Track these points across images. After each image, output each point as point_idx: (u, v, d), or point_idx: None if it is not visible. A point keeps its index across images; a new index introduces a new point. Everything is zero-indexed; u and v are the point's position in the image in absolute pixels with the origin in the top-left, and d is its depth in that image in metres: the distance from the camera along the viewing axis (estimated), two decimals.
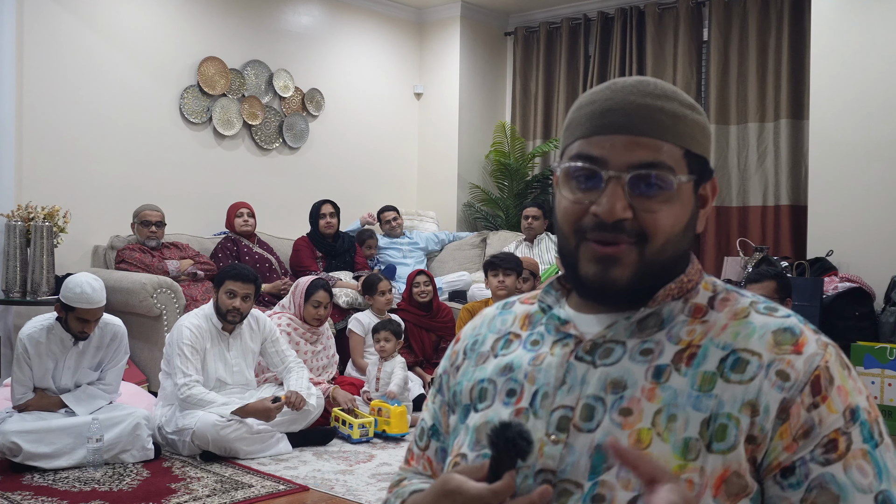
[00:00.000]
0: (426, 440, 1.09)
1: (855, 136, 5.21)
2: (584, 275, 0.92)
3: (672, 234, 0.91)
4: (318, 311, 4.51)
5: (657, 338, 0.92)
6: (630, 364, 0.91)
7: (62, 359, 3.64)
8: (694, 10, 6.41)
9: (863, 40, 5.20)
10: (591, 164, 0.90)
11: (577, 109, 0.95)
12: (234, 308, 3.95)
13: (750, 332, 0.89)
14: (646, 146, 0.89)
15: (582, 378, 0.92)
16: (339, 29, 6.75)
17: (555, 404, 0.92)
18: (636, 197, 0.89)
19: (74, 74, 5.25)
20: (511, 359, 1.00)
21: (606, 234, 0.89)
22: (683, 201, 0.92)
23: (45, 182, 5.07)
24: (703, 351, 0.89)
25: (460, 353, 1.07)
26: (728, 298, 0.95)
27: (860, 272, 5.09)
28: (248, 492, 3.28)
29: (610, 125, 0.90)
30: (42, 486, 3.26)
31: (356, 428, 4.12)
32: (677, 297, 0.94)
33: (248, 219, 5.58)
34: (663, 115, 0.90)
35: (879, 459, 0.85)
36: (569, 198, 0.93)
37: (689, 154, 0.92)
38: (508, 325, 1.05)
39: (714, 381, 0.87)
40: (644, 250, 0.90)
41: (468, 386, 1.02)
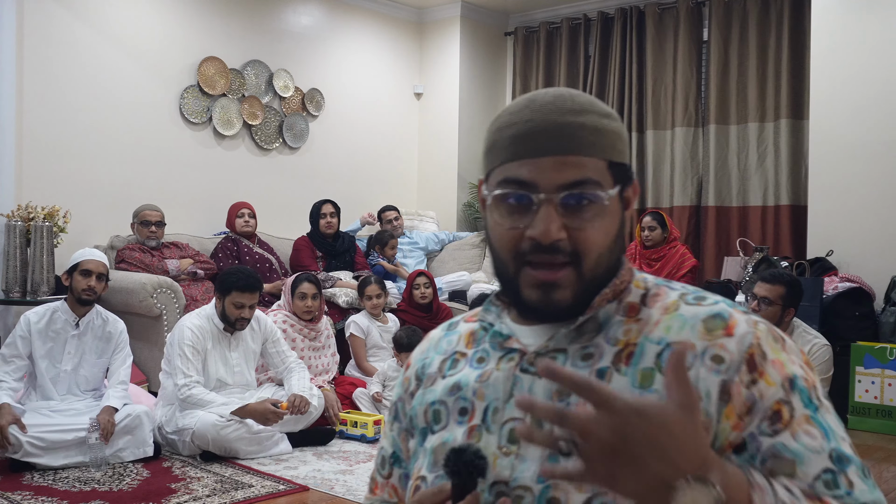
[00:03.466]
0: (389, 468, 1.11)
1: (855, 136, 5.22)
2: (528, 300, 0.94)
3: (605, 246, 0.93)
4: (306, 303, 4.50)
5: (596, 341, 0.94)
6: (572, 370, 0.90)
7: (63, 341, 3.72)
8: (694, 10, 6.41)
9: (863, 40, 5.20)
10: (522, 189, 0.92)
11: (499, 131, 0.96)
12: (242, 318, 3.96)
13: (681, 324, 0.92)
14: (573, 165, 0.91)
15: (529, 389, 0.94)
16: (339, 29, 6.75)
17: (504, 417, 0.94)
18: (568, 215, 0.91)
19: (74, 74, 5.25)
20: (458, 378, 1.01)
21: (544, 255, 0.91)
22: (612, 212, 0.94)
23: (45, 182, 5.07)
24: (639, 349, 0.92)
25: (412, 378, 1.09)
26: (659, 293, 0.97)
27: (860, 272, 5.10)
28: (248, 492, 3.28)
29: (535, 148, 0.91)
30: (42, 486, 3.26)
31: (370, 426, 4.11)
32: (612, 300, 0.97)
33: (248, 219, 5.58)
34: (585, 132, 0.92)
35: (823, 421, 0.88)
36: (503, 224, 0.94)
37: (612, 164, 0.94)
38: (454, 344, 1.07)
39: (653, 377, 0.89)
40: (581, 269, 0.92)
41: (421, 409, 1.04)
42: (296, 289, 4.52)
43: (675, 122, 6.44)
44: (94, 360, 3.81)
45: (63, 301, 3.78)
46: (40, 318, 3.70)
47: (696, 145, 6.38)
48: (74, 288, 3.71)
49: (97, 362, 3.82)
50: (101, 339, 3.81)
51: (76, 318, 3.74)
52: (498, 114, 0.98)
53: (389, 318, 5.17)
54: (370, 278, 5.22)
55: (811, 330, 3.67)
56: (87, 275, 3.70)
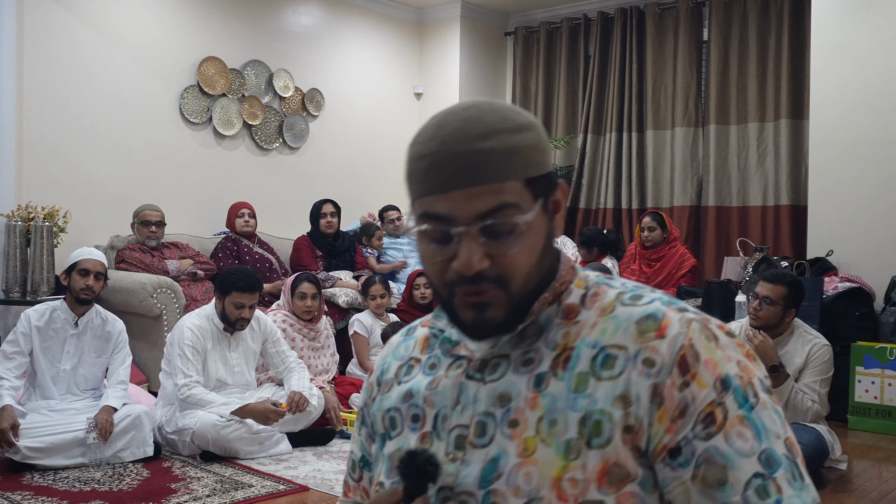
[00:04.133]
0: (359, 472, 1.13)
1: (855, 136, 5.22)
2: (464, 319, 0.94)
3: (531, 264, 0.93)
4: (305, 303, 4.50)
5: (537, 346, 0.95)
6: (514, 376, 0.95)
7: (62, 340, 3.72)
8: (694, 10, 6.41)
9: (863, 40, 5.20)
10: (439, 224, 0.91)
11: (412, 162, 0.96)
12: (242, 318, 3.96)
13: (616, 327, 0.92)
14: (486, 193, 0.89)
15: (474, 396, 0.96)
16: (339, 29, 6.75)
17: (452, 424, 0.96)
18: (490, 242, 0.90)
19: (74, 74, 5.25)
20: (411, 385, 1.03)
21: (470, 286, 0.91)
22: (536, 228, 0.93)
23: (45, 182, 5.07)
24: (576, 353, 0.92)
25: (374, 384, 1.11)
26: (598, 293, 0.97)
27: (860, 272, 5.10)
28: (248, 492, 3.28)
29: (446, 182, 0.90)
30: (42, 486, 3.26)
31: None
32: (553, 302, 0.97)
33: (248, 219, 5.58)
34: (495, 156, 0.90)
35: (756, 420, 0.87)
36: (429, 256, 0.94)
37: (531, 180, 0.92)
38: (410, 350, 1.09)
39: (587, 381, 0.90)
40: (509, 290, 0.92)
41: (379, 416, 1.07)
42: (296, 289, 4.52)
43: (675, 122, 6.44)
44: (93, 360, 3.81)
45: (62, 300, 3.78)
46: (40, 317, 3.71)
47: (696, 145, 6.38)
48: (73, 287, 3.72)
49: (96, 362, 3.82)
50: (100, 339, 3.81)
51: (75, 318, 3.75)
52: (412, 139, 0.97)
53: (391, 317, 5.17)
54: (374, 278, 5.22)
55: (811, 330, 3.67)
56: (85, 274, 3.70)
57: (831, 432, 3.61)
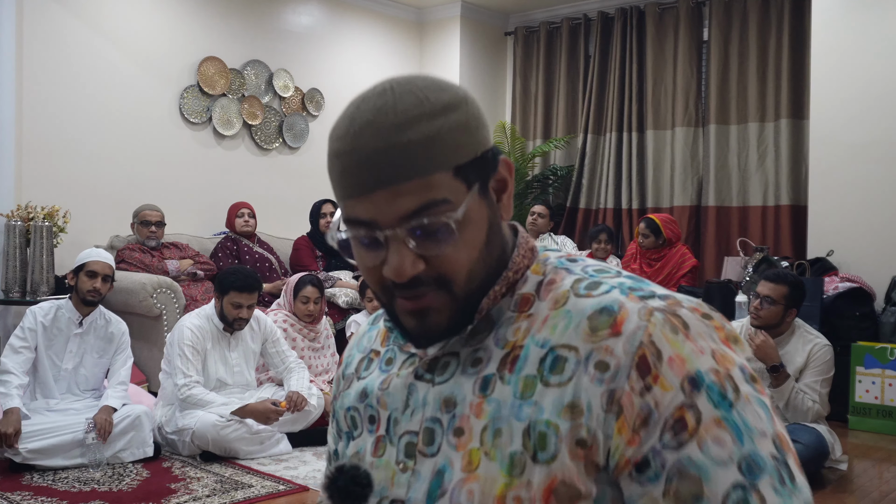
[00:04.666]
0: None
1: (855, 136, 5.22)
2: (407, 325, 0.85)
3: (473, 260, 0.82)
4: (308, 307, 4.50)
5: (486, 343, 0.85)
6: (461, 378, 0.85)
7: (66, 339, 3.73)
8: (694, 10, 6.41)
9: (863, 40, 5.20)
10: (364, 230, 0.81)
11: (330, 161, 0.84)
12: (240, 318, 3.96)
13: (567, 323, 0.81)
14: (409, 191, 0.78)
15: (423, 399, 0.87)
16: (339, 29, 6.75)
17: (402, 430, 0.88)
18: (422, 243, 0.79)
19: (74, 74, 5.24)
20: (366, 383, 0.95)
21: (406, 291, 0.82)
22: (474, 220, 0.82)
23: (45, 182, 5.07)
24: (524, 352, 0.82)
25: (339, 378, 1.04)
26: (553, 280, 0.86)
27: (860, 272, 5.10)
28: (248, 492, 3.27)
29: (363, 184, 0.79)
30: (42, 486, 3.26)
31: None
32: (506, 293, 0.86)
33: (248, 219, 5.58)
34: (415, 148, 0.78)
35: (737, 420, 0.74)
36: (360, 262, 0.85)
37: (460, 168, 0.80)
38: (372, 341, 1.00)
39: (534, 386, 0.79)
40: (452, 291, 0.82)
41: (342, 413, 0.99)
42: (299, 291, 4.51)
43: (675, 122, 6.44)
44: (94, 360, 3.81)
45: (68, 299, 3.79)
46: (46, 314, 3.71)
47: (697, 145, 6.37)
48: (79, 288, 3.72)
49: (98, 362, 3.82)
50: (103, 340, 3.82)
51: (80, 317, 3.75)
52: (329, 133, 0.85)
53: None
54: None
55: (812, 330, 3.67)
56: (92, 276, 3.70)
57: (832, 432, 3.61)
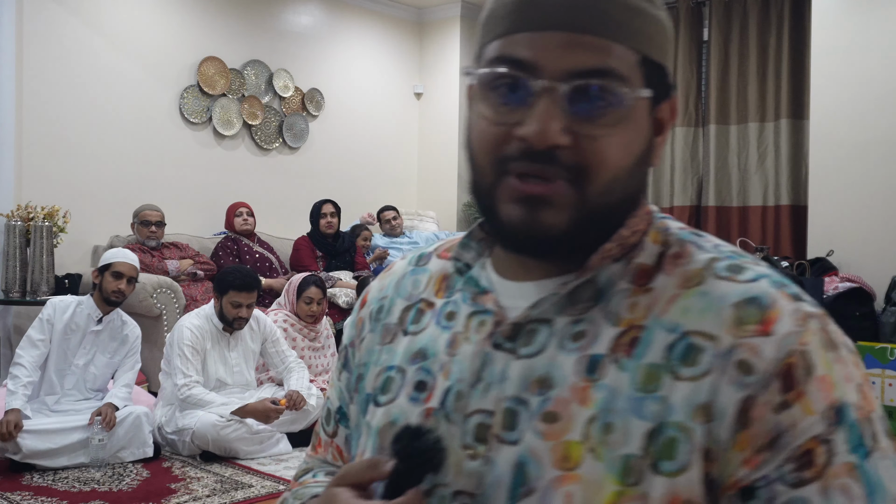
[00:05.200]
0: (334, 425, 0.90)
1: (855, 136, 5.21)
2: (507, 219, 0.69)
3: (621, 167, 0.68)
4: (311, 308, 4.50)
5: (592, 315, 0.70)
6: (557, 353, 0.70)
7: (81, 336, 3.72)
8: (694, 10, 6.41)
9: (863, 40, 5.20)
10: (517, 70, 0.67)
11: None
12: (239, 317, 3.96)
13: (705, 307, 0.67)
14: (590, 47, 0.66)
15: (502, 372, 0.71)
16: (339, 29, 6.75)
17: (471, 408, 0.71)
18: (577, 116, 0.66)
19: (74, 74, 5.24)
20: (425, 342, 0.78)
21: (535, 165, 0.67)
22: (637, 123, 0.69)
23: (45, 182, 5.07)
24: (647, 334, 0.68)
25: (367, 319, 0.86)
26: (681, 255, 0.72)
27: (860, 272, 5.09)
28: (248, 492, 3.27)
29: (542, 18, 0.66)
30: (42, 487, 3.26)
31: None
32: (619, 258, 0.72)
33: (247, 218, 5.59)
34: (613, 7, 0.67)
35: (872, 473, 0.62)
36: (486, 116, 0.69)
37: (646, 61, 0.69)
38: (420, 288, 0.82)
39: (660, 378, 0.65)
40: (585, 189, 0.67)
41: (374, 371, 0.81)
42: (303, 291, 4.51)
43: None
44: (105, 360, 3.80)
45: (88, 296, 3.79)
46: (66, 308, 3.71)
47: (696, 145, 6.38)
48: (104, 288, 3.72)
49: (109, 362, 3.81)
50: (116, 341, 3.81)
51: (100, 314, 3.75)
52: None
53: None
54: (368, 279, 5.22)
55: None
56: (118, 277, 3.71)
57: None
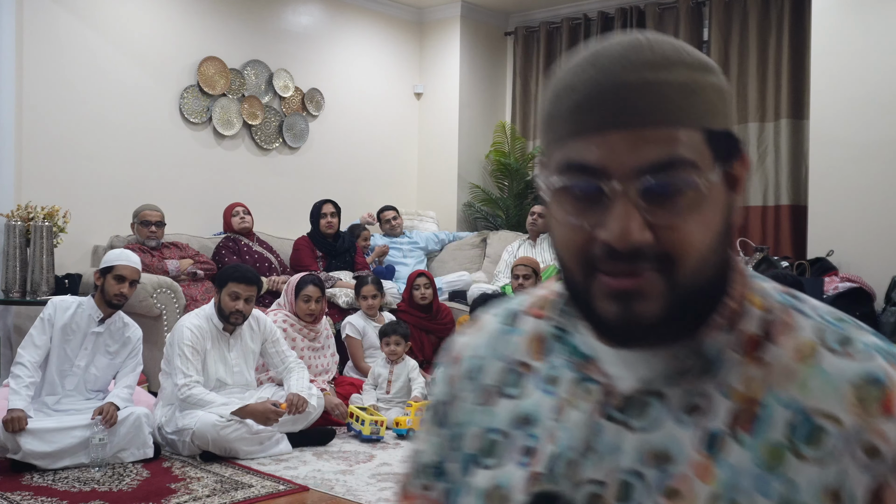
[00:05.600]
0: (429, 479, 0.89)
1: (855, 136, 5.21)
2: (604, 315, 0.69)
3: (706, 245, 0.68)
4: (310, 306, 4.50)
5: (704, 388, 0.70)
6: (674, 427, 0.70)
7: (83, 337, 3.72)
8: (694, 10, 6.41)
9: (863, 40, 5.20)
10: (588, 176, 0.68)
11: (556, 99, 0.71)
12: (237, 310, 3.96)
13: (823, 385, 0.67)
14: (655, 140, 0.66)
15: (615, 444, 0.71)
16: (339, 29, 6.75)
17: (583, 476, 0.72)
18: (654, 209, 0.67)
19: (74, 74, 5.24)
20: (529, 407, 0.78)
21: (622, 264, 0.67)
22: (714, 199, 0.69)
23: (45, 182, 5.07)
24: (765, 411, 0.67)
25: (462, 378, 0.86)
26: (787, 323, 0.71)
27: (860, 272, 5.09)
28: (248, 492, 3.27)
29: (602, 120, 0.67)
30: (42, 486, 3.26)
31: (367, 424, 4.12)
32: (722, 327, 0.72)
33: (244, 216, 5.59)
34: (670, 92, 0.67)
35: None
36: (566, 223, 0.70)
37: (712, 134, 0.69)
38: (517, 350, 0.82)
39: (783, 457, 0.66)
40: (674, 276, 0.67)
41: (475, 432, 0.82)
42: (300, 291, 4.52)
43: None
44: (107, 362, 3.79)
45: (90, 297, 3.78)
46: (67, 308, 3.71)
47: None
48: (106, 290, 3.71)
49: (110, 364, 3.81)
50: (118, 342, 3.80)
51: (101, 316, 3.75)
52: (556, 74, 0.73)
53: (386, 318, 5.16)
54: (367, 278, 5.22)
55: None
56: (120, 280, 3.70)
57: None
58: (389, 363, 4.60)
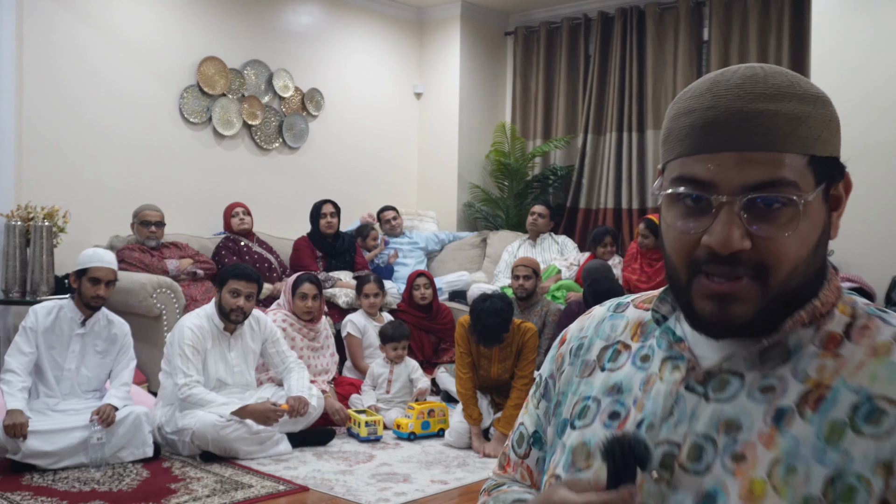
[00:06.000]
0: (526, 447, 1.02)
1: (855, 136, 5.20)
2: (701, 312, 0.81)
3: (799, 258, 0.79)
4: (307, 304, 4.51)
5: (781, 373, 0.80)
6: (747, 402, 0.80)
7: (68, 339, 3.72)
8: (694, 10, 6.41)
9: (863, 40, 5.20)
10: (698, 189, 0.79)
11: (675, 119, 0.83)
12: (237, 307, 3.96)
13: (891, 375, 0.76)
14: (761, 162, 0.77)
15: (692, 412, 0.82)
16: (339, 29, 6.75)
17: (660, 437, 0.83)
18: (755, 222, 0.77)
19: (74, 74, 5.24)
20: (621, 378, 0.90)
21: (722, 267, 0.78)
22: (812, 217, 0.79)
23: (45, 182, 5.07)
24: (833, 394, 0.77)
25: (566, 356, 0.99)
26: (868, 327, 0.81)
27: (860, 272, 5.09)
28: (248, 492, 3.27)
29: (716, 141, 0.78)
30: (42, 487, 3.26)
31: (362, 426, 4.12)
32: (808, 324, 0.82)
33: (244, 217, 5.59)
34: (779, 121, 0.77)
35: None
36: (676, 227, 0.82)
37: (816, 160, 0.79)
38: (618, 331, 0.95)
39: (843, 432, 0.75)
40: (767, 283, 0.78)
41: (573, 400, 0.94)
42: (297, 289, 4.53)
43: None
44: (97, 361, 3.80)
45: (70, 299, 3.78)
46: (48, 314, 3.71)
47: None
48: (83, 293, 3.71)
49: (101, 363, 3.82)
50: (105, 341, 3.81)
51: (82, 317, 3.74)
52: (678, 96, 0.84)
53: (386, 317, 5.17)
54: (369, 276, 5.22)
55: None
56: (96, 283, 3.69)
57: None
58: (389, 362, 4.61)
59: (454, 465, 3.78)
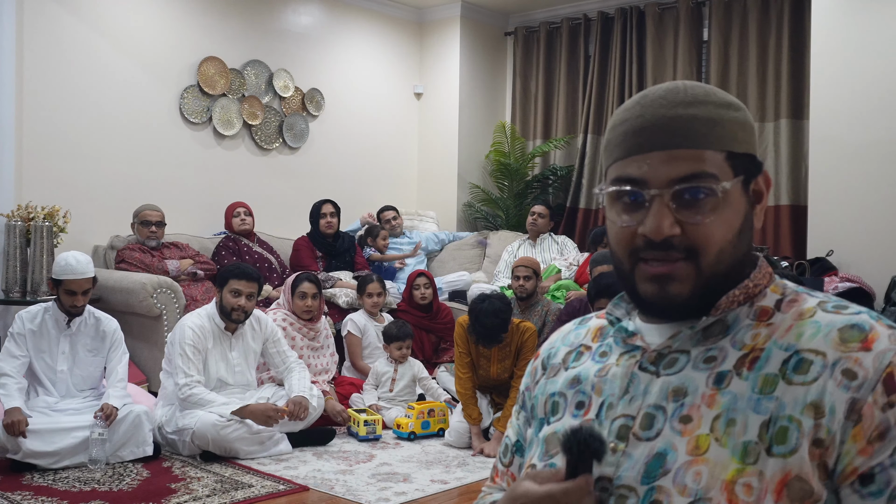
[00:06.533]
0: (510, 456, 1.11)
1: (855, 136, 5.21)
2: (644, 294, 0.92)
3: (725, 240, 0.90)
4: (306, 303, 4.51)
5: (721, 344, 0.91)
6: (692, 372, 0.90)
7: (56, 341, 3.72)
8: (694, 10, 6.41)
9: (863, 40, 5.20)
10: (632, 186, 0.90)
11: (612, 129, 0.95)
12: (238, 307, 3.96)
13: (815, 332, 0.86)
14: (684, 158, 0.88)
15: (645, 388, 0.92)
16: (339, 29, 6.75)
17: (617, 413, 0.93)
18: (682, 210, 0.88)
19: (74, 74, 5.24)
20: (579, 371, 1.01)
21: (657, 252, 0.89)
22: (733, 205, 0.90)
23: (45, 182, 5.07)
24: (765, 354, 0.87)
25: (538, 368, 1.09)
26: (796, 299, 0.92)
27: (860, 272, 5.09)
28: (248, 492, 3.27)
29: (644, 143, 0.90)
30: (42, 486, 3.26)
31: (361, 426, 4.13)
32: (743, 303, 0.92)
33: (245, 217, 5.59)
34: (697, 124, 0.89)
35: None
36: (616, 222, 0.93)
37: (733, 155, 0.90)
38: (581, 338, 1.07)
39: (775, 383, 0.85)
40: (699, 264, 0.89)
41: (542, 399, 1.04)
42: (296, 288, 4.53)
43: None
44: (89, 360, 3.81)
45: (54, 302, 3.78)
46: (33, 318, 3.71)
47: None
48: (61, 300, 3.72)
49: (93, 361, 3.82)
50: (94, 339, 3.81)
51: (67, 318, 3.74)
52: (615, 111, 0.97)
53: (386, 318, 5.17)
54: (371, 276, 5.22)
55: None
56: (72, 294, 3.68)
57: None
58: (393, 361, 4.62)
59: (454, 465, 3.78)
